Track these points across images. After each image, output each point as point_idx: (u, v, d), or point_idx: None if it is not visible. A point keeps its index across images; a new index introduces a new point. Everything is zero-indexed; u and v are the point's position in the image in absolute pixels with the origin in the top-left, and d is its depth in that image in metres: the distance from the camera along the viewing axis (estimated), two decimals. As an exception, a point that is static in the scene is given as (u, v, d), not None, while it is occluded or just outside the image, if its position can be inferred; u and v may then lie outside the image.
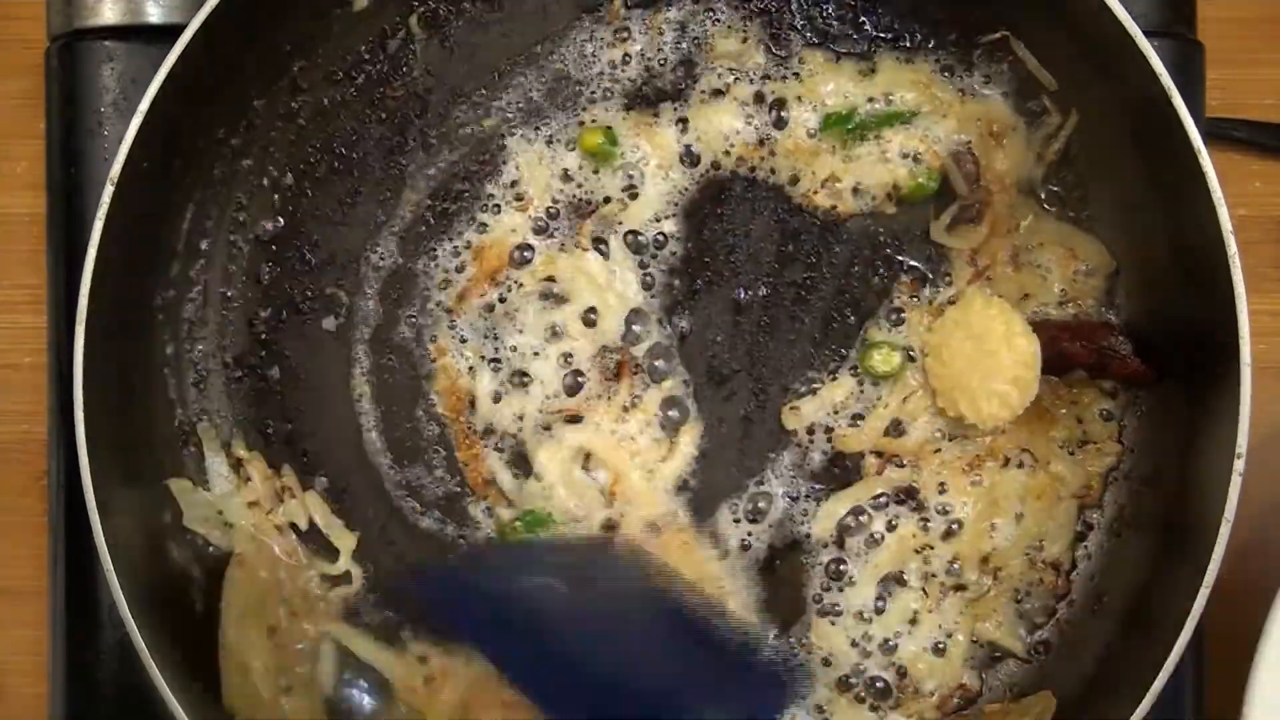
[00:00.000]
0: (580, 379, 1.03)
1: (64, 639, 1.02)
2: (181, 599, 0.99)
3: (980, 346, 0.98)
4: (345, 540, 1.02)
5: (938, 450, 1.02)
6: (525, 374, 1.03)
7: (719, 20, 1.04)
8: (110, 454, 0.94)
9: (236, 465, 1.02)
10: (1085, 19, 0.94)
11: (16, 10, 1.10)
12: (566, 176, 1.03)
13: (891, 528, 1.01)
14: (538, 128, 1.03)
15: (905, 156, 1.02)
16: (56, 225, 1.04)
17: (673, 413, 1.03)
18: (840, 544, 1.02)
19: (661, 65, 1.04)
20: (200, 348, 1.03)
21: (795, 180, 1.03)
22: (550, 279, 1.03)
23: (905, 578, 1.01)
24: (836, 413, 1.02)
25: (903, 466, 1.02)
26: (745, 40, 1.03)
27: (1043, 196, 1.03)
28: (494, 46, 1.04)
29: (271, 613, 0.99)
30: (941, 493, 1.02)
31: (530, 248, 1.03)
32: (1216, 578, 0.90)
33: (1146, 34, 0.92)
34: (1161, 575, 0.97)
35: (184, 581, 1.00)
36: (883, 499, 1.02)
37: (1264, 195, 1.10)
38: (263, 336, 1.03)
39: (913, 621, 1.01)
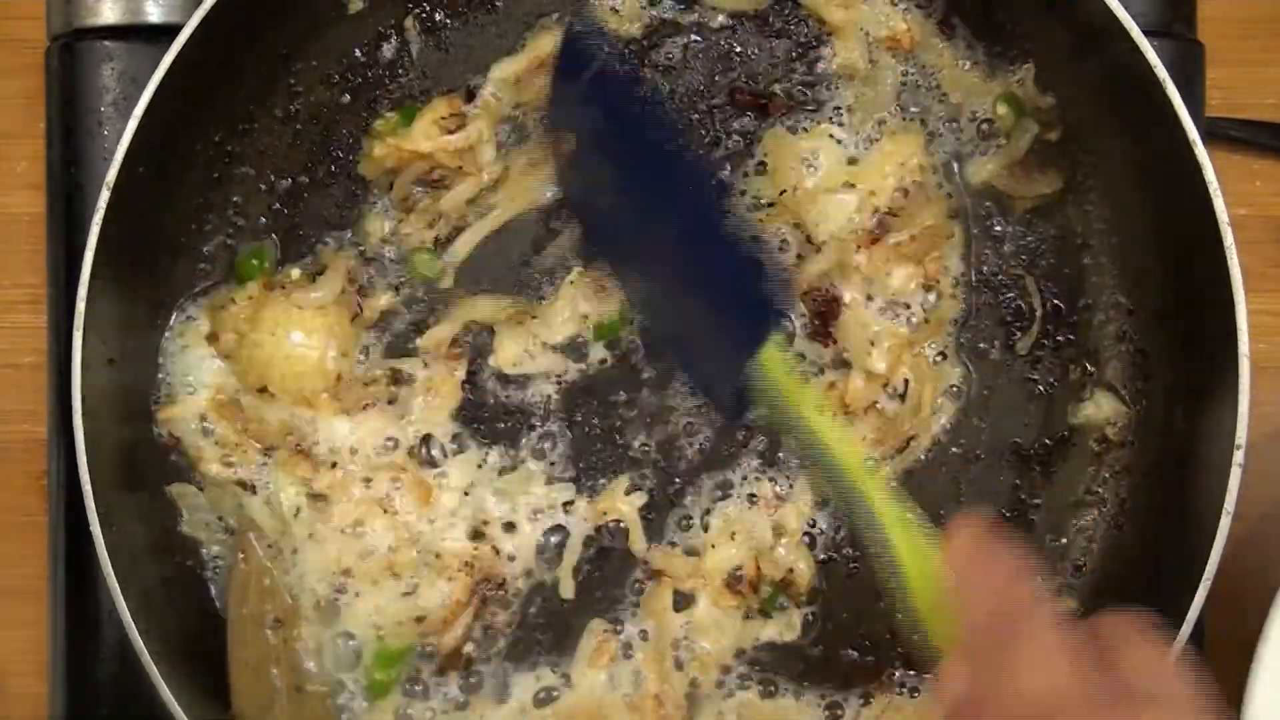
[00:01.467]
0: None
1: (64, 639, 1.02)
2: (182, 599, 0.99)
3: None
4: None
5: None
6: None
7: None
8: (110, 457, 0.94)
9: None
10: (1084, 18, 0.94)
11: (16, 10, 1.10)
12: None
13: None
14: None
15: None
16: (56, 225, 1.04)
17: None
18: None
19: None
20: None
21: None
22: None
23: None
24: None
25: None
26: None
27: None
28: (489, 48, 1.04)
29: (278, 611, 0.99)
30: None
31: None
32: (1216, 577, 0.90)
33: (1146, 33, 0.92)
34: (1162, 568, 0.97)
35: (184, 582, 1.00)
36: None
37: (1264, 195, 1.10)
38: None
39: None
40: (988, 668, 0.69)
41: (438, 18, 1.04)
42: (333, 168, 1.03)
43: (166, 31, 0.96)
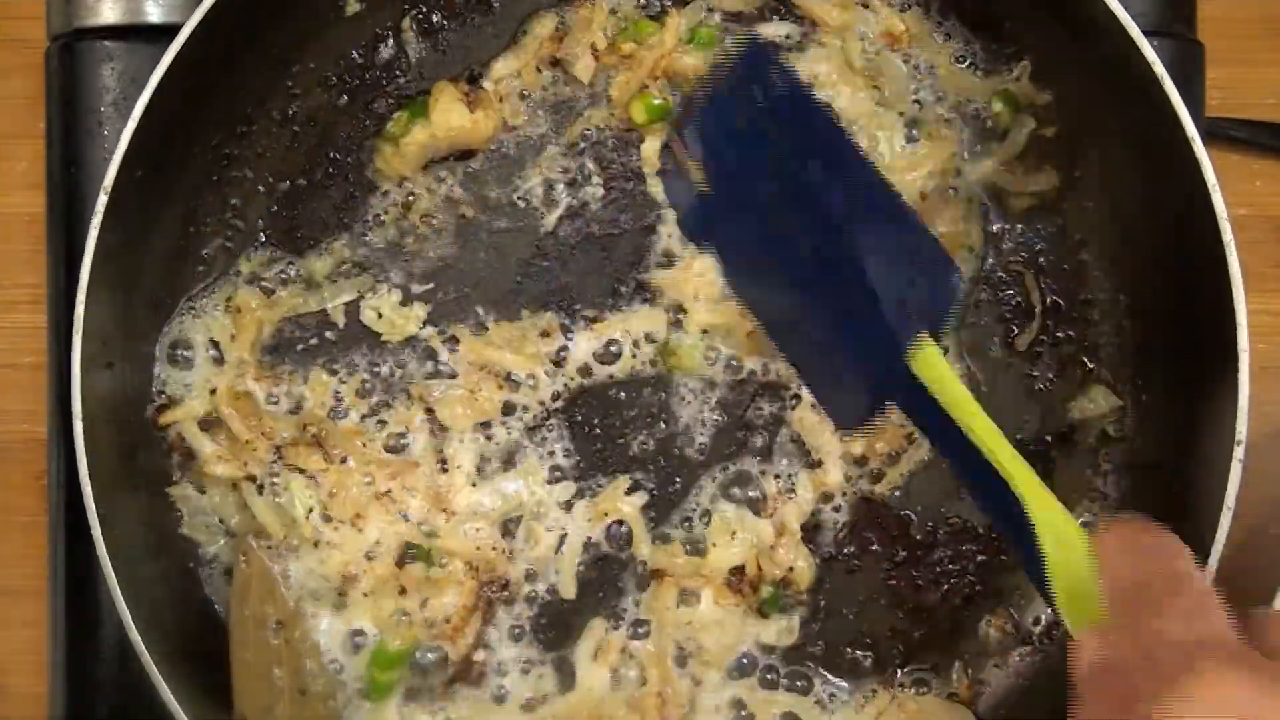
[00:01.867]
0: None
1: (64, 639, 1.02)
2: (182, 599, 1.00)
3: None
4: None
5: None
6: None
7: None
8: (110, 458, 0.94)
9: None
10: (1083, 17, 0.93)
11: (16, 10, 1.10)
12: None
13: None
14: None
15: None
16: (56, 225, 1.04)
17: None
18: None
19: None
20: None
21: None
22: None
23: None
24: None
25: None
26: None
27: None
28: (486, 49, 1.04)
29: (280, 614, 0.99)
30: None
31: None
32: (1216, 577, 0.89)
33: (1146, 33, 0.91)
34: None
35: (184, 582, 1.00)
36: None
37: (1264, 195, 1.10)
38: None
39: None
40: (1132, 626, 0.68)
41: (434, 19, 1.04)
42: (330, 170, 1.03)
43: (166, 31, 0.96)
